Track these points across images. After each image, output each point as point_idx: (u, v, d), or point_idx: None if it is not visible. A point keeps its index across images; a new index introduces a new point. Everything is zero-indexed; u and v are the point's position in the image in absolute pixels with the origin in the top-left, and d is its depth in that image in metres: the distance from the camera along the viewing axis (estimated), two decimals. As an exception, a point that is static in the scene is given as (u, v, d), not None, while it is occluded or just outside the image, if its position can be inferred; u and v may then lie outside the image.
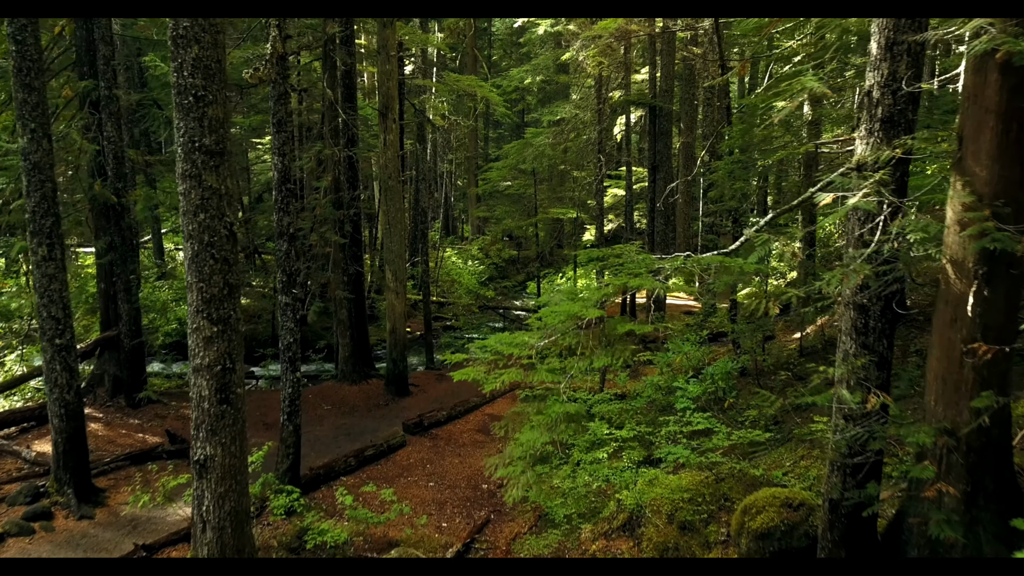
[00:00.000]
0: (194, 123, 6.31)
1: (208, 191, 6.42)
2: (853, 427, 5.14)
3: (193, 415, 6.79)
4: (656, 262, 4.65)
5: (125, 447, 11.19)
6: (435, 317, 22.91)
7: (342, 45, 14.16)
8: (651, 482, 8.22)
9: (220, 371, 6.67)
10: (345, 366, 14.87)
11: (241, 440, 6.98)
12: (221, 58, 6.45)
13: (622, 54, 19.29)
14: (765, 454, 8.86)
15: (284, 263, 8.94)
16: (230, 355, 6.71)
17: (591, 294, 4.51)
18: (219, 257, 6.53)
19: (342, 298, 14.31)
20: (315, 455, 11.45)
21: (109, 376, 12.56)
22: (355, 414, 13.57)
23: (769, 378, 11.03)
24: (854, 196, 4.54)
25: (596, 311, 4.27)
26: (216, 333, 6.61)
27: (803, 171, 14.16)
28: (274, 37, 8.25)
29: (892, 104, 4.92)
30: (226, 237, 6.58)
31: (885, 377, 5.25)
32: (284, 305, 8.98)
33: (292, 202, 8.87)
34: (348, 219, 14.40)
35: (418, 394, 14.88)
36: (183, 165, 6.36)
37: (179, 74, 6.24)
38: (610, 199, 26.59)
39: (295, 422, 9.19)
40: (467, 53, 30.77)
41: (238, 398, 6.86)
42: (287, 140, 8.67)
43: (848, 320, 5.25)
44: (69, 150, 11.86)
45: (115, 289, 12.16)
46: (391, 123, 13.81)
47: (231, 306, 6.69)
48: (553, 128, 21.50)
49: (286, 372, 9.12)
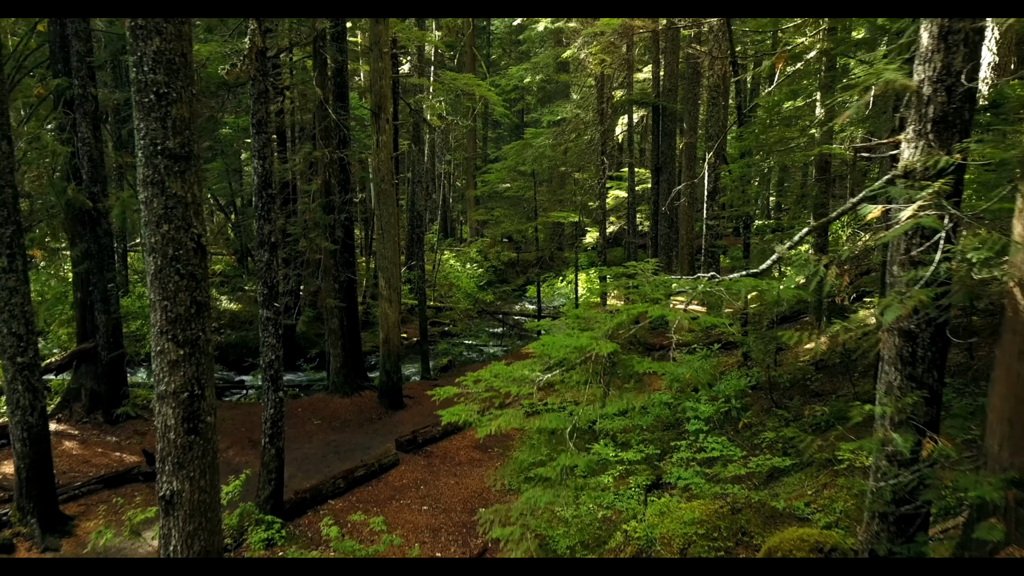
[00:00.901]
0: (156, 124, 5.66)
1: (172, 199, 5.78)
2: (898, 470, 4.51)
3: (158, 447, 6.14)
4: (676, 284, 4.00)
5: (100, 467, 10.55)
6: (432, 322, 22.26)
7: (333, 42, 13.52)
8: (662, 512, 7.59)
9: (187, 398, 6.03)
10: (337, 378, 14.23)
11: (212, 473, 6.34)
12: (187, 51, 5.81)
13: (624, 51, 18.66)
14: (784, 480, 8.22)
15: (265, 274, 8.30)
16: (198, 380, 6.06)
17: (601, 322, 3.87)
18: (185, 272, 5.88)
19: (333, 307, 13.67)
20: (302, 476, 10.82)
21: (86, 391, 11.91)
22: (346, 429, 12.92)
23: (784, 393, 10.39)
24: (907, 208, 3.91)
25: (607, 344, 3.63)
26: (183, 357, 5.97)
27: (816, 175, 13.53)
28: (253, 31, 7.61)
29: (946, 102, 4.28)
30: (193, 250, 5.93)
31: (935, 414, 4.61)
32: (265, 320, 8.34)
33: (274, 209, 8.23)
34: (339, 224, 13.76)
35: (413, 406, 14.23)
36: (144, 171, 5.72)
37: (139, 69, 5.59)
38: (611, 201, 25.93)
39: (277, 445, 8.55)
40: (465, 52, 30.13)
41: (208, 427, 6.22)
42: (268, 142, 8.03)
43: (892, 348, 4.61)
44: (44, 152, 11.24)
45: (92, 299, 11.51)
46: (384, 123, 13.17)
47: (199, 326, 6.04)
48: (553, 128, 20.87)
49: (267, 391, 8.48)
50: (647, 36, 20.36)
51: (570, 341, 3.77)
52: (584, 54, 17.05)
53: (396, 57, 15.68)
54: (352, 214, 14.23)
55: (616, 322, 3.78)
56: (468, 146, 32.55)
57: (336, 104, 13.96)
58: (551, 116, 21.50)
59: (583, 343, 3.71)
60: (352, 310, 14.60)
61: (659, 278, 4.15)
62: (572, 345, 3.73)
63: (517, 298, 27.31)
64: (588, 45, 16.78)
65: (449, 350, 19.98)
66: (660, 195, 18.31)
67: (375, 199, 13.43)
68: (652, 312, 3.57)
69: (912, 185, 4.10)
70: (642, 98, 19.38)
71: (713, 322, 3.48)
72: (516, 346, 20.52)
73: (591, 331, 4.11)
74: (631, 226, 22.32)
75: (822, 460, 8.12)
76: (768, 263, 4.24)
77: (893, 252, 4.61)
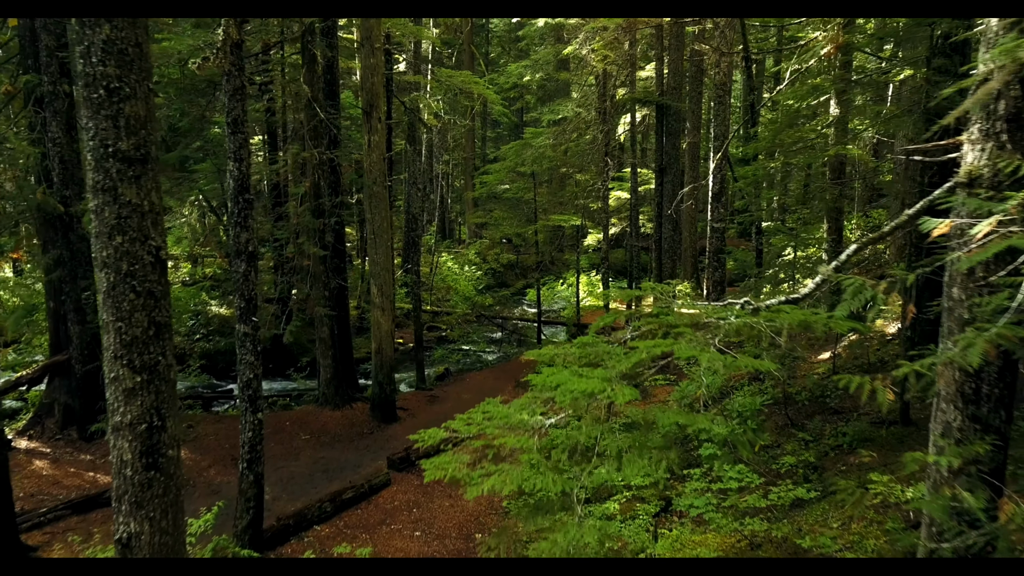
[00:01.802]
0: (107, 123, 5.01)
1: (127, 208, 5.12)
2: (961, 527, 3.86)
3: (114, 484, 5.49)
4: (703, 312, 3.35)
5: (71, 489, 9.90)
6: (429, 327, 21.61)
7: (323, 37, 12.86)
8: (674, 546, 6.94)
9: (145, 431, 5.37)
10: (327, 389, 13.57)
11: (175, 512, 5.69)
12: (142, 40, 5.15)
13: (627, 48, 17.99)
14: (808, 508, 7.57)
15: (243, 286, 7.64)
16: (158, 410, 5.41)
17: (616, 361, 3.22)
18: (142, 290, 5.23)
19: (323, 315, 13.00)
20: (287, 498, 10.17)
21: (60, 405, 11.25)
22: (336, 445, 12.27)
23: (800, 410, 9.74)
24: (982, 224, 3.26)
25: (624, 390, 2.98)
26: (140, 384, 5.32)
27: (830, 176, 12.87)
28: (227, 21, 6.95)
29: (1021, 97, 3.63)
30: (151, 265, 5.27)
31: (1001, 459, 3.97)
32: (243, 335, 7.68)
33: (251, 215, 7.57)
34: (330, 228, 13.10)
35: (407, 419, 13.58)
36: (94, 176, 5.06)
37: (86, 60, 4.94)
38: (613, 202, 25.27)
39: (256, 470, 7.90)
40: (464, 50, 29.45)
41: (170, 462, 5.56)
42: (245, 143, 7.37)
43: (951, 383, 3.96)
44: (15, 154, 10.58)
45: (65, 308, 10.86)
46: (376, 122, 12.51)
47: (159, 349, 5.38)
48: (554, 128, 20.21)
49: (246, 412, 7.82)
50: (650, 32, 19.71)
51: (578, 385, 3.12)
52: (586, 51, 16.40)
53: (390, 53, 15.02)
54: (343, 218, 13.57)
55: (634, 361, 3.12)
56: (466, 146, 31.89)
57: (326, 102, 13.31)
58: (551, 115, 20.84)
59: (594, 387, 3.06)
60: (344, 318, 13.94)
61: (683, 305, 3.49)
62: (580, 389, 3.08)
63: (516, 302, 26.66)
64: (590, 41, 16.12)
65: (446, 357, 19.33)
66: (664, 197, 17.66)
67: (366, 201, 12.76)
68: (680, 351, 2.92)
69: (987, 195, 3.45)
70: (645, 96, 18.72)
71: (756, 366, 2.82)
72: (515, 353, 19.86)
73: (602, 367, 3.46)
74: (633, 228, 21.65)
75: (848, 487, 7.46)
76: (810, 287, 3.59)
77: (953, 273, 3.97)
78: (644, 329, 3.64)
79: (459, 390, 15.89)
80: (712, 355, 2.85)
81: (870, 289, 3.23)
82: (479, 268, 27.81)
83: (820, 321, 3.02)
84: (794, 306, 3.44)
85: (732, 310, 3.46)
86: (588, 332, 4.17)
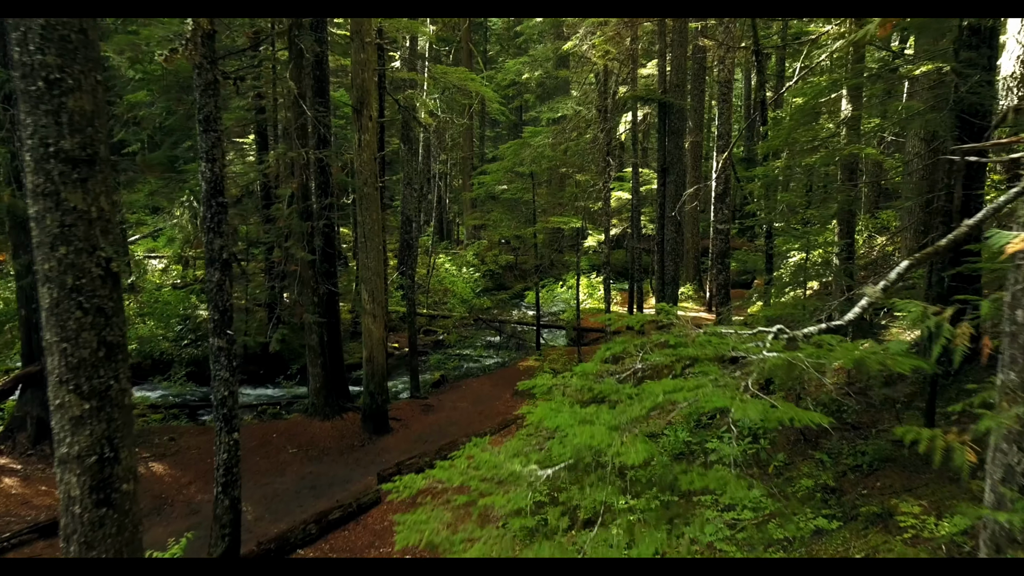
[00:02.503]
0: (47, 119, 4.44)
1: (71, 215, 4.55)
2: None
3: (61, 522, 4.93)
4: (731, 343, 2.78)
5: (41, 509, 9.34)
6: (425, 330, 21.04)
7: (311, 31, 12.29)
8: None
9: (95, 463, 4.81)
10: (316, 399, 13.00)
11: (132, 553, 5.09)
12: (87, 26, 4.58)
13: (628, 44, 17.42)
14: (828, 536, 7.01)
15: (216, 296, 7.07)
16: (110, 440, 4.84)
17: (626, 406, 2.65)
18: (90, 307, 4.66)
19: (312, 322, 12.44)
20: (270, 518, 9.61)
21: (32, 419, 10.70)
22: (325, 459, 11.70)
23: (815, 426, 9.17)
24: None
25: (638, 446, 2.42)
26: (88, 412, 4.75)
27: (841, 176, 12.30)
28: (197, 9, 6.37)
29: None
30: (100, 278, 4.71)
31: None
32: (217, 350, 7.12)
33: (225, 220, 7.00)
34: (319, 231, 12.53)
35: (400, 430, 13.02)
36: (33, 179, 4.49)
37: (22, 48, 4.37)
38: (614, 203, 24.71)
39: (232, 494, 7.33)
40: (462, 48, 28.88)
41: (125, 497, 5.00)
42: (217, 142, 6.80)
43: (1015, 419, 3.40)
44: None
45: (37, 316, 10.27)
46: (367, 121, 11.94)
47: (111, 373, 4.82)
48: (553, 127, 19.65)
49: (220, 433, 7.26)
50: (652, 28, 19.14)
51: (580, 436, 2.56)
52: (586, 46, 15.83)
53: (383, 49, 14.45)
54: (333, 220, 12.99)
55: (648, 406, 2.56)
56: (465, 145, 31.32)
57: (315, 100, 12.75)
58: (550, 113, 20.26)
59: (599, 440, 2.50)
60: (334, 324, 13.37)
61: (707, 333, 2.93)
62: (583, 443, 2.52)
63: (515, 305, 26.10)
64: (590, 36, 15.55)
65: (443, 363, 18.76)
66: (667, 197, 17.09)
67: (356, 203, 12.20)
68: (706, 400, 2.36)
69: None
70: (648, 94, 18.15)
71: (806, 419, 2.26)
72: (513, 358, 19.30)
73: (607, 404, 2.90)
74: (635, 229, 21.08)
75: (869, 514, 6.91)
76: (855, 312, 3.02)
77: (1017, 292, 3.41)
78: (658, 360, 3.07)
79: (455, 398, 15.33)
80: (747, 405, 2.28)
81: (932, 317, 2.66)
82: (477, 270, 27.24)
83: (876, 360, 2.46)
84: (838, 336, 2.88)
85: (764, 339, 2.90)
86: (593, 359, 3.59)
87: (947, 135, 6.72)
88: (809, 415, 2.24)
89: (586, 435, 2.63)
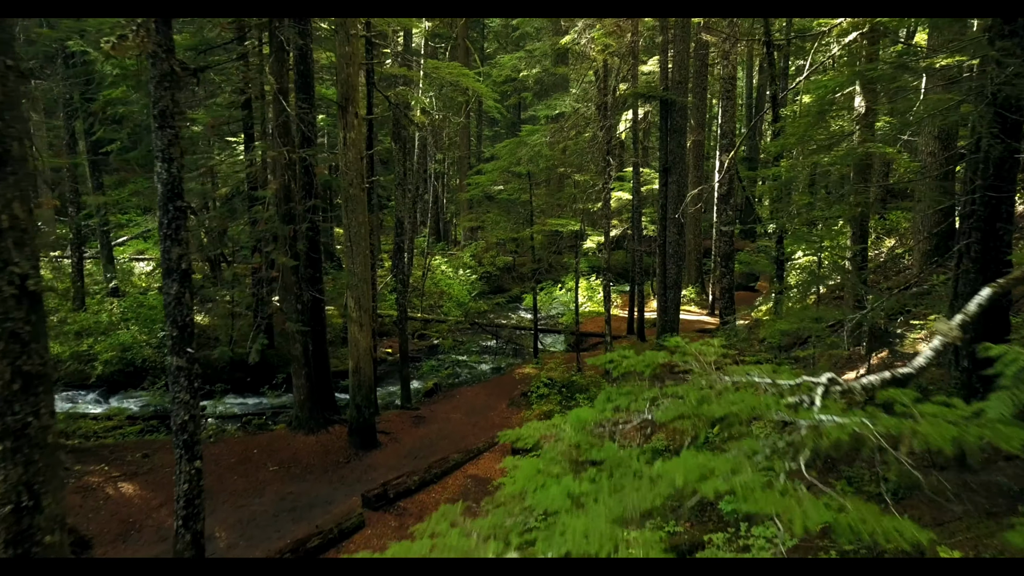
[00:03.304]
0: (-55, 112, 3.79)
1: (-23, 225, 3.90)
2: None
3: (-25, 579, 4.28)
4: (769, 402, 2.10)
5: None
6: (419, 335, 20.36)
7: (293, 22, 11.61)
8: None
9: (11, 513, 4.14)
10: (301, 412, 12.33)
11: (59, 613, 4.48)
12: (-6, 3, 3.93)
13: (629, 39, 16.74)
14: None
15: (175, 311, 6.39)
16: (28, 486, 4.17)
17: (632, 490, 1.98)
18: (2, 332, 4.00)
19: (295, 331, 11.76)
20: (245, 544, 8.93)
21: None
22: (307, 477, 11.02)
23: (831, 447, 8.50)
24: None
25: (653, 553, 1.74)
26: (2, 454, 4.09)
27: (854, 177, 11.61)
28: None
29: None
30: (14, 298, 4.04)
31: None
32: (176, 369, 6.44)
33: (184, 226, 6.33)
34: (302, 235, 11.85)
35: (389, 445, 12.35)
36: (-69, 182, 3.84)
37: (-87, 28, 3.72)
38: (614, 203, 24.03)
39: (194, 528, 6.66)
40: (458, 45, 28.21)
41: (48, 551, 4.33)
42: (175, 139, 6.12)
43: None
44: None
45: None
46: (353, 118, 11.26)
47: (28, 408, 4.15)
48: (551, 125, 18.95)
49: (181, 461, 6.59)
50: (653, 23, 18.47)
51: (570, 536, 1.89)
52: (584, 40, 15.15)
53: (371, 43, 13.77)
54: (317, 223, 12.32)
55: (666, 494, 1.88)
56: (462, 144, 30.65)
57: (300, 96, 12.08)
58: (548, 111, 19.57)
59: (597, 545, 1.84)
60: (320, 332, 12.70)
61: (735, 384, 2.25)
62: (574, 548, 1.85)
63: (512, 308, 25.42)
64: (589, 30, 14.87)
65: (436, 370, 18.09)
66: (669, 197, 16.42)
67: (343, 205, 11.52)
68: (747, 495, 1.68)
69: None
70: (649, 91, 17.47)
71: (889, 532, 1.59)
72: (510, 365, 18.64)
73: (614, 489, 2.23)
74: (636, 230, 20.40)
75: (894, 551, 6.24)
76: (927, 356, 2.35)
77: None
78: (670, 418, 2.39)
79: (448, 408, 14.66)
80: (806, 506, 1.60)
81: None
82: (474, 272, 26.57)
83: (974, 435, 1.78)
84: (910, 391, 2.20)
85: (812, 392, 2.23)
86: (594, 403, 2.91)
87: (984, 131, 6.05)
88: (900, 524, 1.57)
89: (579, 529, 1.96)
